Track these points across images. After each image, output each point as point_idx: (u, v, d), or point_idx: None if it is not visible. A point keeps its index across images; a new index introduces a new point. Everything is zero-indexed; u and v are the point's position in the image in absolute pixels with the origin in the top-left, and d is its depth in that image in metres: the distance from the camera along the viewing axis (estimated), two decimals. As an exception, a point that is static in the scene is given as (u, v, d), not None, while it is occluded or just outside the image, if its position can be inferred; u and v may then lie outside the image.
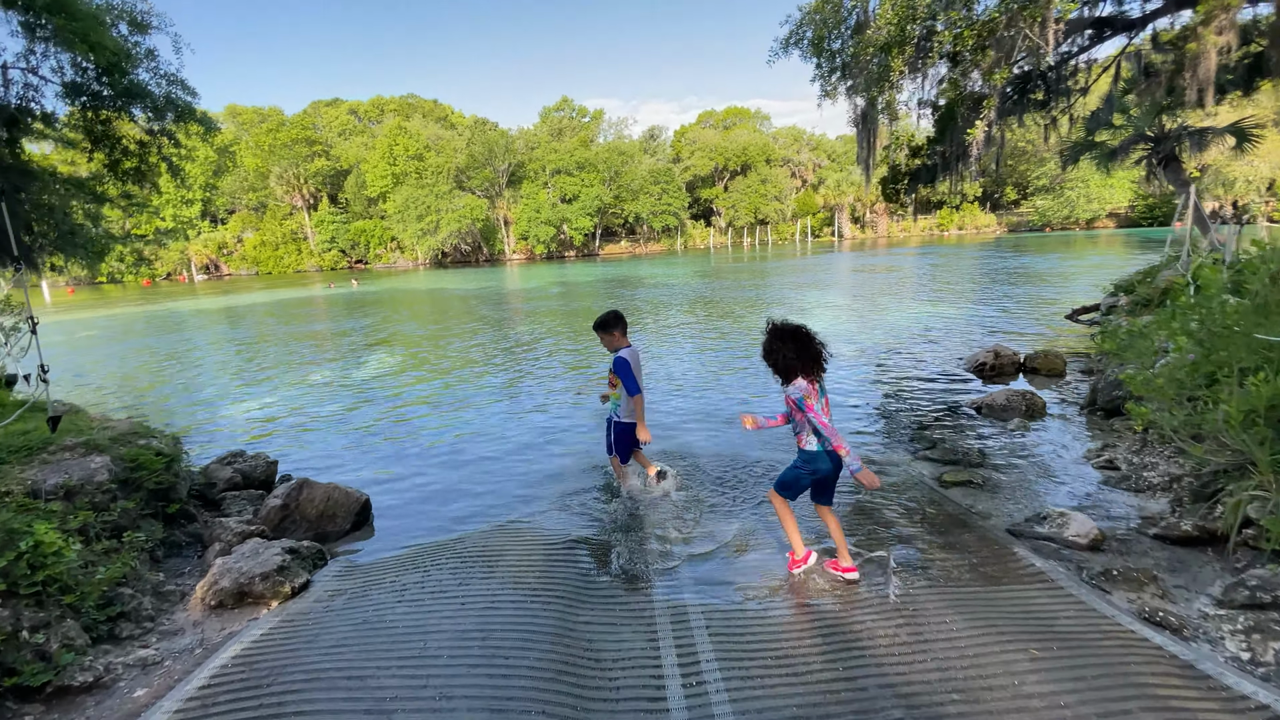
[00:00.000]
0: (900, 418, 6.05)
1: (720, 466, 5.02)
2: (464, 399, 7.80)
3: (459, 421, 6.77)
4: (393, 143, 66.67)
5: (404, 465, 5.51)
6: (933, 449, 5.16)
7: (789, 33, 9.64)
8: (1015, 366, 7.28)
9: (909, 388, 7.12)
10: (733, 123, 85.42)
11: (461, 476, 5.18)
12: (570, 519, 4.24)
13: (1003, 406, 5.79)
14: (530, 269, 47.61)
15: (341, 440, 6.44)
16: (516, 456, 5.58)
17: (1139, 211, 60.14)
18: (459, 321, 16.47)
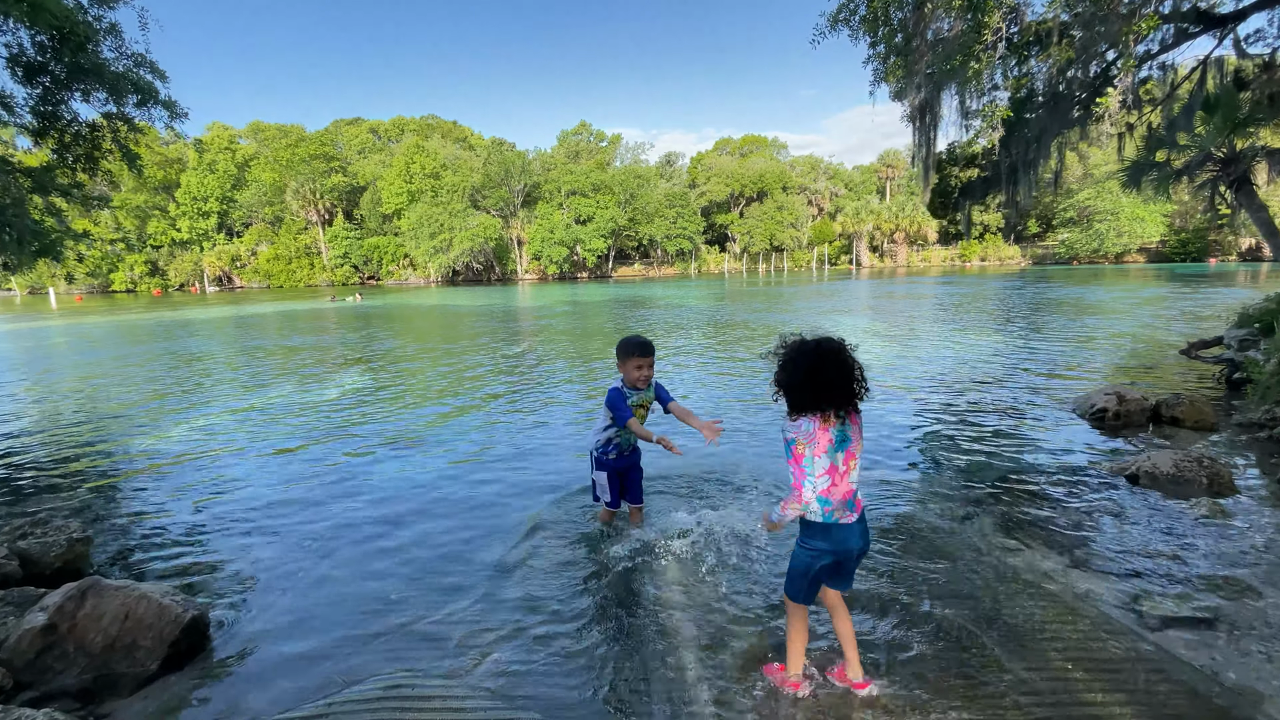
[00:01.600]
0: (1000, 487, 4.29)
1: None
2: (427, 439, 6.15)
3: (409, 473, 5.09)
4: (410, 160, 66.53)
5: (306, 547, 3.79)
6: (1081, 549, 3.40)
7: (838, 7, 8.13)
8: (1147, 415, 5.51)
9: (1003, 440, 5.35)
10: (749, 150, 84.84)
11: (381, 569, 3.47)
12: (520, 680, 2.52)
13: (1172, 476, 4.03)
14: (542, 288, 46.38)
15: (247, 492, 4.79)
16: (463, 537, 3.86)
17: (1171, 247, 58.08)
18: (455, 339, 14.92)
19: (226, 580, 3.37)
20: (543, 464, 5.12)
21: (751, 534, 3.57)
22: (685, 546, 3.45)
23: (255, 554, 3.67)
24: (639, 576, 3.20)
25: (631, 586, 3.12)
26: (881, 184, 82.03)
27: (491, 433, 6.21)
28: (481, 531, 3.89)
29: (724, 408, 6.90)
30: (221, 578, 3.39)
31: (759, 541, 3.51)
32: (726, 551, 3.41)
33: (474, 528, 3.95)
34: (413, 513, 4.21)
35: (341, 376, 10.06)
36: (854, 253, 74.89)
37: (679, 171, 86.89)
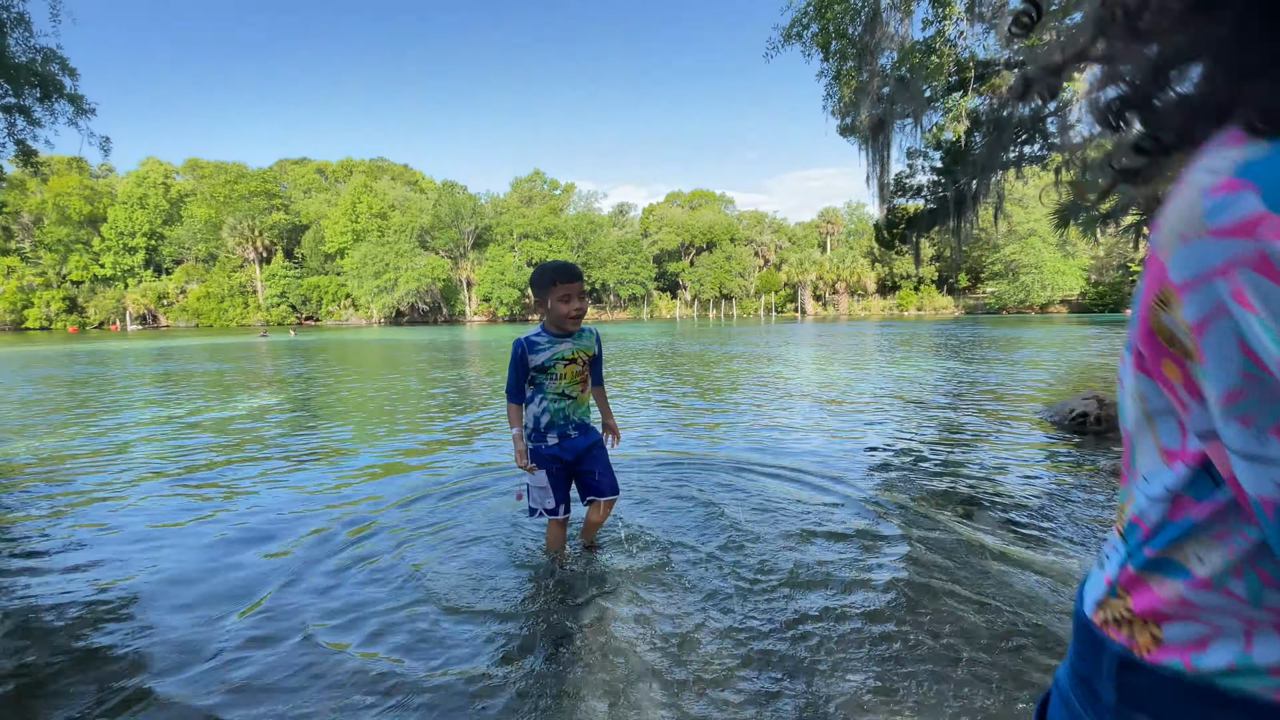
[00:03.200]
0: (1017, 498, 3.84)
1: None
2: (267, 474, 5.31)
3: (241, 511, 4.27)
4: (356, 200, 65.30)
5: (141, 562, 2.96)
6: (1096, 552, 2.96)
7: (791, 21, 8.16)
8: (1125, 416, 5.28)
9: (993, 451, 4.97)
10: (699, 203, 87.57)
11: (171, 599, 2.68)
12: None
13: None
14: (490, 328, 45.36)
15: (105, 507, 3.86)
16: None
17: (1090, 298, 62.35)
18: (379, 369, 13.93)
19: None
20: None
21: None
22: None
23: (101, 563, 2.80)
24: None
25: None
26: (822, 238, 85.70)
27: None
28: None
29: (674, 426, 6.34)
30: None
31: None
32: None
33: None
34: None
35: (246, 398, 8.99)
36: (799, 300, 77.22)
37: (631, 221, 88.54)
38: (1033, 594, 2.38)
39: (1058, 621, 2.17)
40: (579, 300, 2.53)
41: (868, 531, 3.03)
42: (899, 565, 2.66)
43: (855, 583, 2.49)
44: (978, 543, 2.87)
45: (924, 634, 2.09)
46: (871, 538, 2.96)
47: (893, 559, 2.72)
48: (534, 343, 2.55)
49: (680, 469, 4.21)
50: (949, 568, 2.61)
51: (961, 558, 2.71)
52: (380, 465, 4.64)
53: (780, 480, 3.94)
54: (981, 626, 2.13)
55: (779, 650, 2.00)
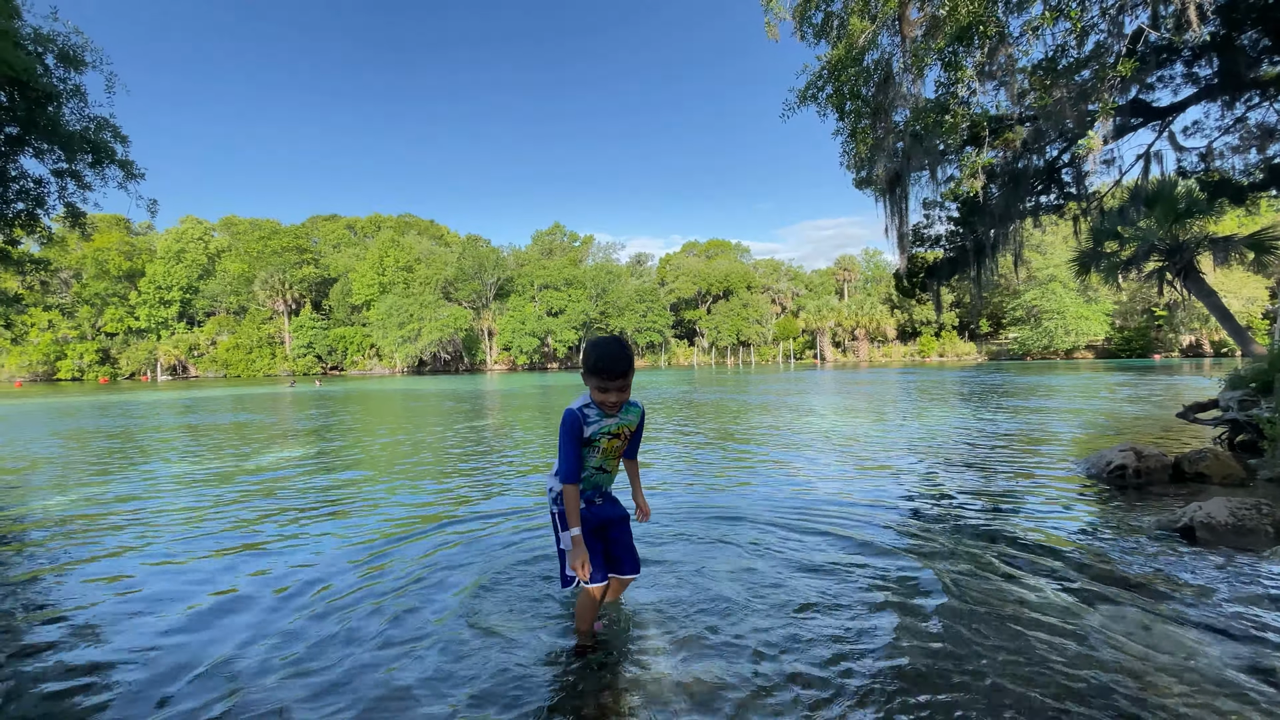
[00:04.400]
0: (1049, 551, 3.70)
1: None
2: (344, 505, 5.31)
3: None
4: (384, 254, 67.45)
5: (189, 616, 2.96)
6: (1161, 603, 2.82)
7: (806, 84, 8.44)
8: (1167, 472, 5.09)
9: (1023, 503, 4.82)
10: (715, 253, 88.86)
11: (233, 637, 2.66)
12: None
13: (1233, 526, 3.52)
14: (510, 377, 45.72)
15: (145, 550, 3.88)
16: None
17: (1116, 344, 61.21)
18: (403, 419, 14.04)
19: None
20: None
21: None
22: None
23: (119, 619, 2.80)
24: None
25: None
26: (839, 285, 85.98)
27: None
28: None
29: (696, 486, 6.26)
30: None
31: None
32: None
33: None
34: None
35: (272, 452, 9.10)
36: (818, 347, 76.94)
37: (648, 270, 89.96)
38: (1077, 650, 2.26)
39: (1101, 674, 2.04)
40: (617, 394, 2.45)
41: (904, 581, 2.92)
42: (937, 618, 2.54)
43: (893, 629, 2.38)
44: (1017, 597, 2.75)
45: (963, 678, 1.98)
46: (907, 590, 2.84)
47: (929, 611, 2.61)
48: (586, 415, 2.49)
49: (703, 522, 4.13)
50: (989, 620, 2.48)
51: (1003, 612, 2.59)
52: (416, 518, 4.62)
53: (811, 535, 3.83)
54: (1031, 677, 2.01)
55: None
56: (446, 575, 3.39)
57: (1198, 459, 5.07)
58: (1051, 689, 2.12)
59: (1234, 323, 15.19)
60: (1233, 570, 3.16)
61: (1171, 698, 2.05)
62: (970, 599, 2.90)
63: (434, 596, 3.10)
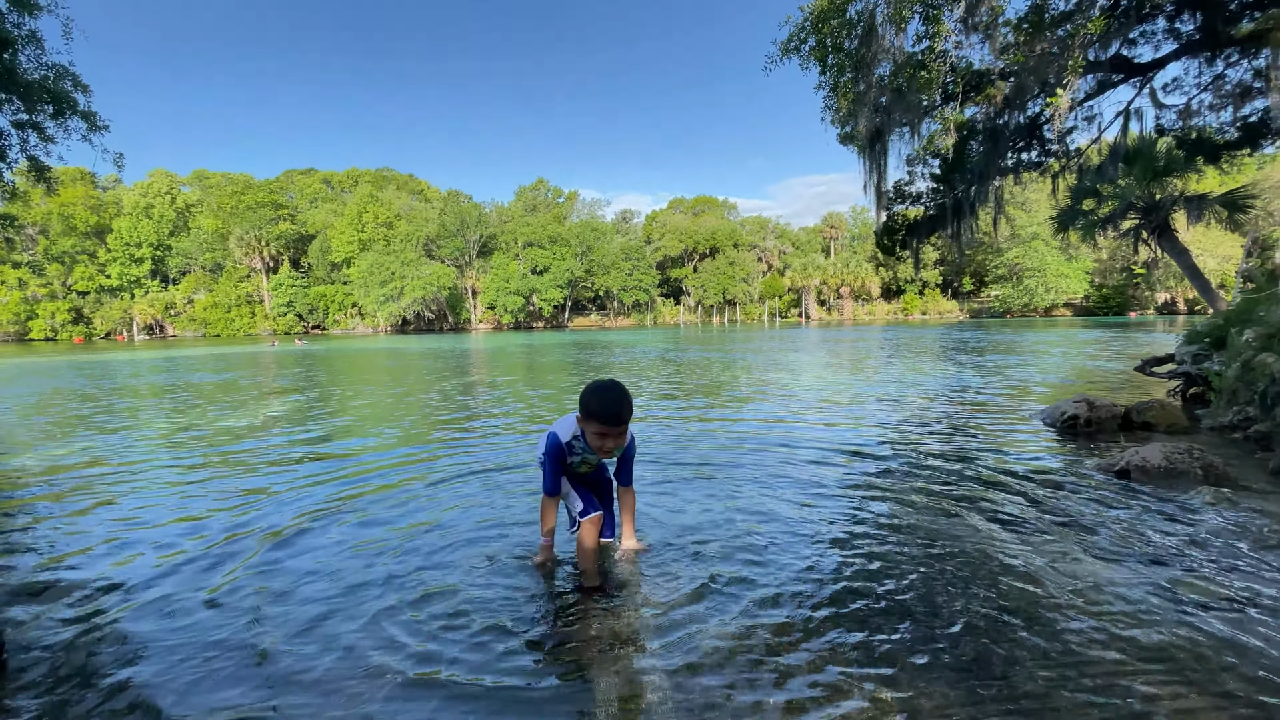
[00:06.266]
0: (999, 489, 3.94)
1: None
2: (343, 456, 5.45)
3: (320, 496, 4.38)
4: (363, 210, 65.90)
5: (182, 573, 3.11)
6: (1092, 536, 3.07)
7: (789, 35, 8.31)
8: (1116, 421, 5.37)
9: (978, 448, 5.07)
10: (702, 210, 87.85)
11: (249, 605, 2.81)
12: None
13: (1164, 469, 3.78)
14: (495, 336, 45.59)
15: (135, 513, 4.00)
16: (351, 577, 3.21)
17: (1094, 301, 62.21)
18: (390, 378, 14.09)
19: (69, 600, 2.64)
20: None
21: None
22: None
23: (124, 577, 2.94)
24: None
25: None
26: (826, 243, 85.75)
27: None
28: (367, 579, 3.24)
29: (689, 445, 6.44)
30: (64, 598, 2.66)
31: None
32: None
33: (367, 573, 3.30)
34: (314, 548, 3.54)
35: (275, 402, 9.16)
36: (803, 306, 77.24)
37: (634, 228, 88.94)
38: (1014, 571, 2.48)
39: (1028, 596, 2.26)
40: (614, 440, 2.48)
41: (868, 519, 3.14)
42: (910, 549, 2.76)
43: (869, 557, 2.60)
44: (964, 531, 2.97)
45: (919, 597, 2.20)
46: (879, 525, 3.06)
47: (897, 541, 2.83)
48: (572, 447, 2.64)
49: (689, 466, 4.33)
50: (949, 553, 2.70)
51: (963, 545, 2.81)
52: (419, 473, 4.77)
53: (784, 479, 4.04)
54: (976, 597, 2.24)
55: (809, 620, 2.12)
56: (444, 523, 3.56)
57: (1145, 409, 5.34)
58: (985, 608, 2.34)
59: (1203, 280, 15.53)
60: (1156, 508, 3.42)
61: (1085, 616, 2.28)
62: (921, 534, 3.13)
63: (433, 543, 3.26)
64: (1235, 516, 3.26)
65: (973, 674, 1.96)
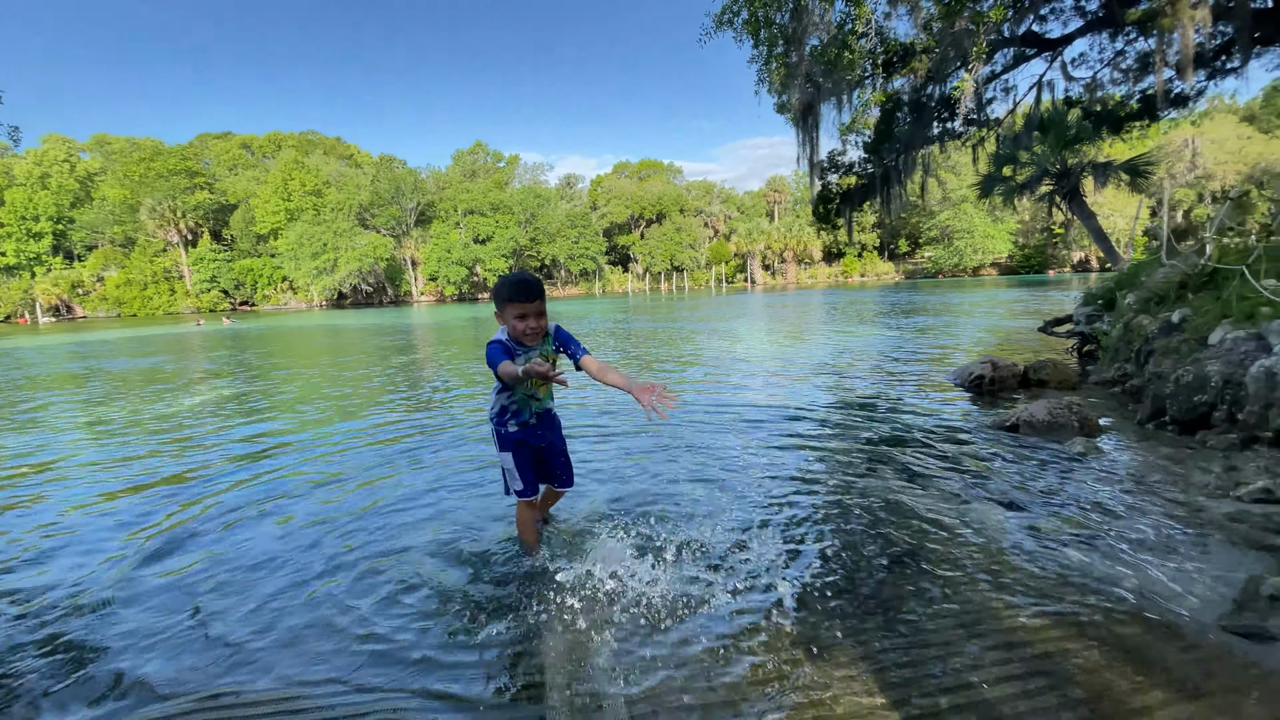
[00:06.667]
0: (903, 444, 4.39)
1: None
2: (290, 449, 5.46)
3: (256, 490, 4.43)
4: (288, 177, 62.11)
5: (124, 559, 3.17)
6: (979, 486, 3.52)
7: (722, 8, 8.40)
8: (1016, 379, 5.95)
9: (896, 409, 5.56)
10: (647, 174, 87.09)
11: (193, 583, 2.92)
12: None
13: (1047, 423, 4.30)
14: (439, 309, 44.51)
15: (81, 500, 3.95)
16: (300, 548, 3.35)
17: (1017, 260, 65.77)
18: (326, 356, 13.76)
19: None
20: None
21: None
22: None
23: (61, 569, 2.97)
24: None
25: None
26: (770, 207, 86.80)
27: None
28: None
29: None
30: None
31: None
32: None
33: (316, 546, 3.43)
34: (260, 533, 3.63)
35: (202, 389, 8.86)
36: (748, 271, 78.43)
37: (579, 193, 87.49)
38: (915, 516, 2.86)
39: (918, 532, 2.64)
40: (535, 319, 2.53)
41: (802, 473, 3.48)
42: (829, 501, 3.11)
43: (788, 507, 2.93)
44: (874, 480, 3.36)
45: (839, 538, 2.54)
46: (805, 479, 3.41)
47: (819, 486, 3.17)
48: (512, 350, 2.58)
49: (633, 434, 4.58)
50: (862, 502, 3.07)
51: (875, 494, 3.19)
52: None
53: (730, 444, 4.36)
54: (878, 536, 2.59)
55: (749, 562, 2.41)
56: (391, 502, 3.69)
57: (1040, 368, 5.94)
58: (885, 550, 2.71)
59: (1107, 242, 16.79)
60: (1036, 457, 3.92)
61: (967, 553, 2.68)
62: (840, 487, 3.50)
63: (380, 523, 3.41)
64: (1099, 463, 3.78)
65: (868, 607, 2.31)
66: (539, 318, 2.54)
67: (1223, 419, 3.88)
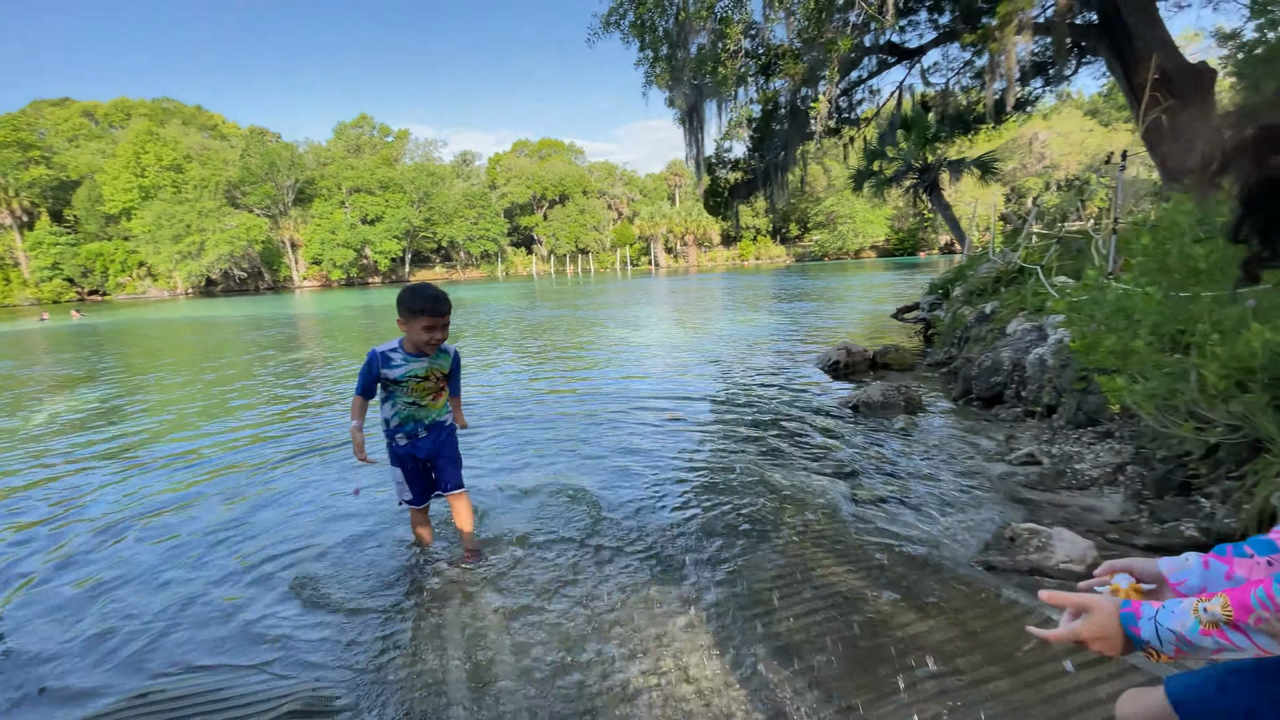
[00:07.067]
0: (767, 425, 5.03)
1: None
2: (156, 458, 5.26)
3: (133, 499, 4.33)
4: (140, 150, 55.26)
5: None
6: (823, 459, 4.16)
7: (609, 10, 8.68)
8: (867, 363, 6.83)
9: (768, 391, 6.24)
10: (548, 154, 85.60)
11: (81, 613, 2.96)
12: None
13: (881, 403, 5.07)
14: (325, 296, 41.80)
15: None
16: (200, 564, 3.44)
17: (893, 244, 71.49)
18: (197, 355, 12.86)
19: None
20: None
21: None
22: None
23: None
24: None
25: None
26: (671, 190, 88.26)
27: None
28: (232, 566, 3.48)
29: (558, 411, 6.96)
30: None
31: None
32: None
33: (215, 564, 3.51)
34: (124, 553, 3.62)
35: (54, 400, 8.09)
36: (652, 254, 79.64)
37: (477, 171, 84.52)
38: (771, 487, 3.40)
39: (758, 500, 3.18)
40: (441, 332, 2.70)
41: (685, 454, 3.95)
42: (700, 479, 3.58)
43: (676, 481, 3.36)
44: (748, 458, 3.90)
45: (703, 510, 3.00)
46: (687, 459, 3.87)
47: (696, 467, 3.64)
48: (389, 358, 2.72)
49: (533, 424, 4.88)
50: (729, 477, 3.57)
51: (741, 470, 3.71)
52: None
53: (627, 426, 4.76)
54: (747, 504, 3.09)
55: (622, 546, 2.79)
56: (277, 504, 3.77)
57: (885, 352, 6.87)
58: (738, 521, 3.22)
59: (960, 231, 18.86)
60: (869, 433, 4.66)
61: (804, 519, 3.25)
62: (709, 466, 4.00)
63: (265, 526, 3.50)
64: (917, 435, 4.57)
65: (714, 566, 2.80)
66: (444, 330, 2.74)
67: (1012, 396, 4.79)
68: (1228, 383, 2.63)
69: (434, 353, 2.78)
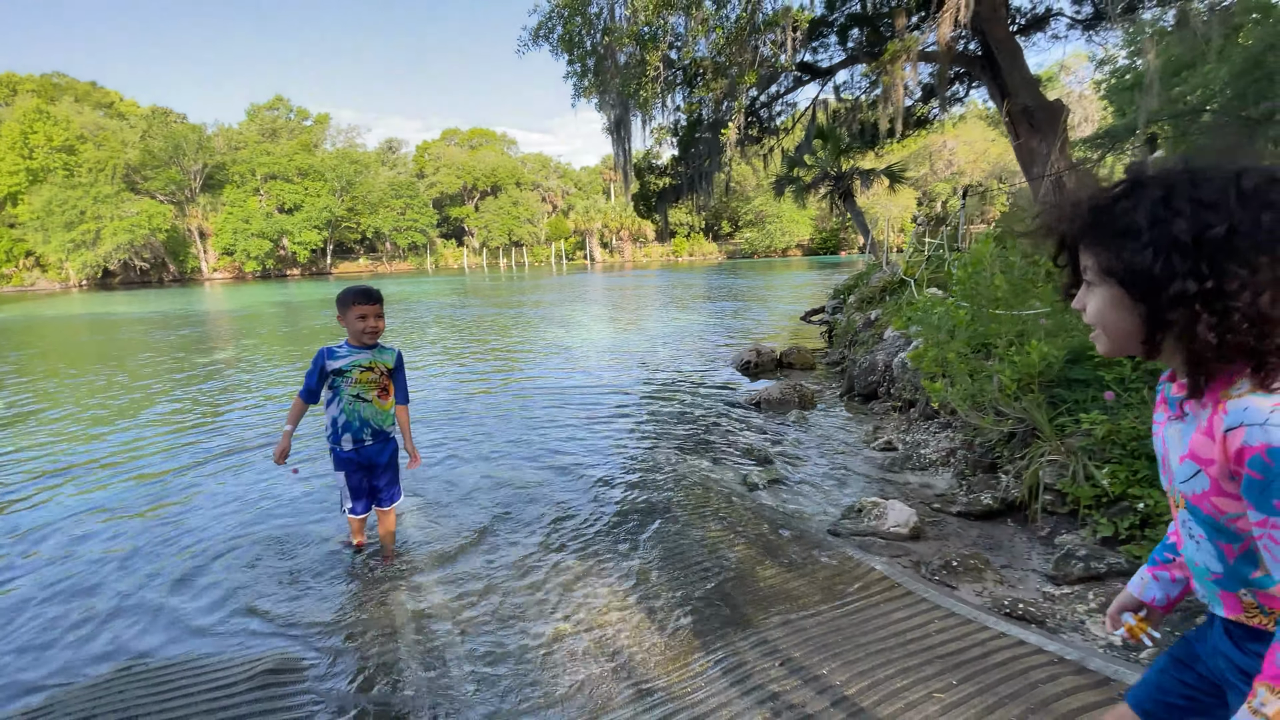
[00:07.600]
0: (686, 420, 5.66)
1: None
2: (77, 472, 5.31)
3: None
4: (28, 129, 50.21)
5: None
6: (730, 449, 4.81)
7: (538, 24, 9.04)
8: (774, 362, 7.60)
9: (686, 389, 6.89)
10: (479, 143, 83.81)
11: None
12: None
13: (779, 400, 5.79)
14: (239, 290, 39.60)
15: None
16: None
17: (817, 243, 74.87)
18: (95, 361, 12.30)
19: None
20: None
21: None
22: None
23: None
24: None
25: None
26: (606, 185, 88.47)
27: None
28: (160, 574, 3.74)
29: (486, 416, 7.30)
30: None
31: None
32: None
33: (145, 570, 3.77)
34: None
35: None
36: (587, 249, 79.69)
37: (404, 159, 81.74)
38: (682, 476, 3.97)
39: (665, 487, 3.75)
40: (375, 320, 2.95)
41: (615, 448, 4.47)
42: (624, 473, 4.10)
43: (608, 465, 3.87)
44: (665, 451, 4.47)
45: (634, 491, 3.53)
46: (614, 453, 4.39)
47: (624, 461, 4.16)
48: (334, 350, 2.96)
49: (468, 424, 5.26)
50: (648, 467, 4.11)
51: (659, 461, 4.27)
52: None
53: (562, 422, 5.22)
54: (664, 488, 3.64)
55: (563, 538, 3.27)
56: (200, 508, 4.03)
57: (789, 353, 7.68)
58: (645, 507, 3.77)
59: (869, 236, 20.38)
60: (766, 426, 5.36)
61: (692, 501, 3.84)
62: (631, 460, 4.55)
63: (193, 529, 3.77)
64: (806, 427, 5.31)
65: (632, 544, 3.35)
66: (378, 319, 3.00)
67: (884, 393, 5.61)
68: (1017, 385, 3.42)
69: (374, 344, 3.03)
